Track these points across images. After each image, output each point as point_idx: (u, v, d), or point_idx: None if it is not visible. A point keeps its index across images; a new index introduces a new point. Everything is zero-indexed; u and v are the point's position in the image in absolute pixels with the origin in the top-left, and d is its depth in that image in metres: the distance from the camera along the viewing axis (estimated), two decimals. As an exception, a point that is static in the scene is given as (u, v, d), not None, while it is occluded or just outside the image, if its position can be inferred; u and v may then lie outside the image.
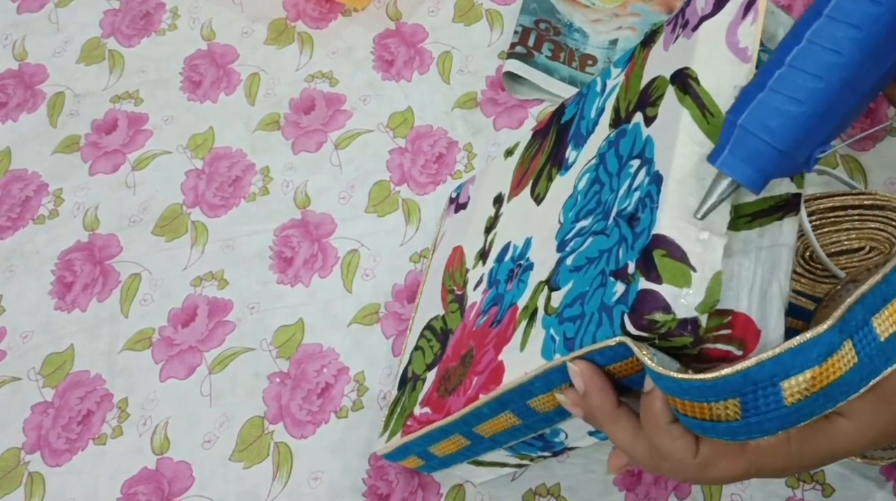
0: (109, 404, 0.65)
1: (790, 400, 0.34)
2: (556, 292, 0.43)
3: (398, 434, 0.53)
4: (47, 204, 0.75)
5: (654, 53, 0.46)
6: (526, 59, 0.72)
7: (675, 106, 0.40)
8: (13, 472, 0.64)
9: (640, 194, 0.40)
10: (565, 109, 0.54)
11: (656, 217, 0.38)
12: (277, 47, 0.81)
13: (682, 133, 0.39)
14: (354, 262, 0.68)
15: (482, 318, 0.50)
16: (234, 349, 0.66)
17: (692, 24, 0.42)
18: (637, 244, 0.38)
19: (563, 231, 0.46)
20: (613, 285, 0.39)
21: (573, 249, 0.44)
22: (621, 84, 0.48)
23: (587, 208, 0.45)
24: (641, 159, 0.42)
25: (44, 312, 0.70)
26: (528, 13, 0.75)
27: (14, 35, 0.85)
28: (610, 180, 0.44)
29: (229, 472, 0.61)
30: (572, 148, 0.50)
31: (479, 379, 0.47)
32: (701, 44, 0.41)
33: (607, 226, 0.42)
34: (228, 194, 0.73)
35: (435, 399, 0.51)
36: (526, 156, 0.56)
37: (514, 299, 0.48)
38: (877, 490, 0.55)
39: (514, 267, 0.50)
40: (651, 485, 0.57)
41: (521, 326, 0.45)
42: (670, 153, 0.39)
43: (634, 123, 0.44)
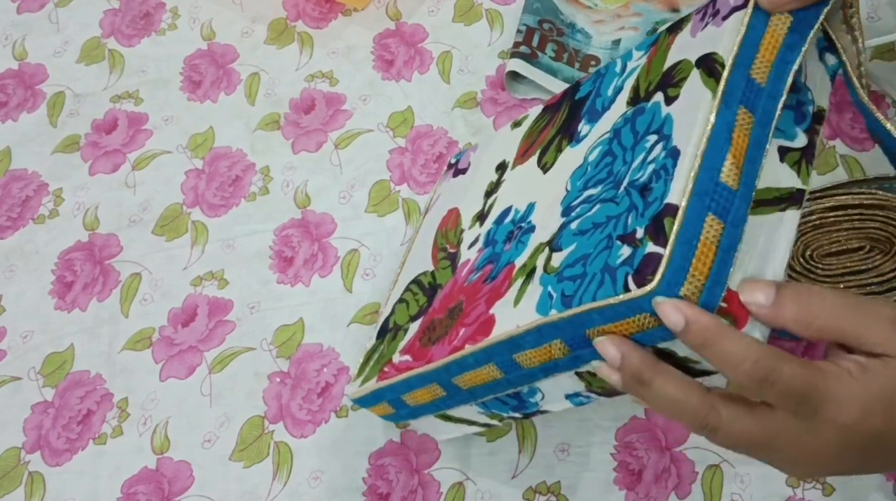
0: (109, 404, 0.65)
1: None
2: (558, 253, 0.44)
3: (373, 379, 0.53)
4: (47, 203, 0.75)
5: (680, 39, 0.46)
6: (530, 59, 0.72)
7: (699, 87, 0.41)
8: (13, 472, 0.64)
9: (655, 166, 0.41)
10: (580, 87, 0.55)
11: (670, 188, 0.38)
12: (277, 47, 0.81)
13: (704, 111, 0.39)
14: (354, 262, 0.68)
15: (475, 275, 0.51)
16: (234, 349, 0.66)
17: (723, 14, 0.43)
18: (648, 212, 0.39)
19: (570, 198, 0.47)
20: (619, 248, 0.39)
21: (579, 215, 0.45)
22: (643, 66, 0.48)
23: (597, 178, 0.46)
24: (659, 135, 0.42)
25: (44, 312, 0.70)
26: (532, 13, 0.75)
27: (14, 35, 0.86)
28: (623, 153, 0.44)
29: (229, 472, 0.61)
30: (585, 122, 0.51)
31: (468, 330, 0.47)
32: (729, 32, 0.41)
33: (617, 194, 0.42)
34: (228, 194, 0.73)
35: (417, 347, 0.51)
36: (535, 128, 0.57)
37: (512, 258, 0.48)
38: (877, 491, 0.55)
39: (513, 229, 0.50)
40: (651, 484, 0.57)
41: (516, 283, 0.46)
42: (690, 130, 0.39)
43: (654, 102, 0.44)
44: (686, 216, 0.37)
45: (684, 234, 0.37)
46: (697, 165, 0.38)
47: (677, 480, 0.57)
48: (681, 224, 0.37)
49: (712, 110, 0.39)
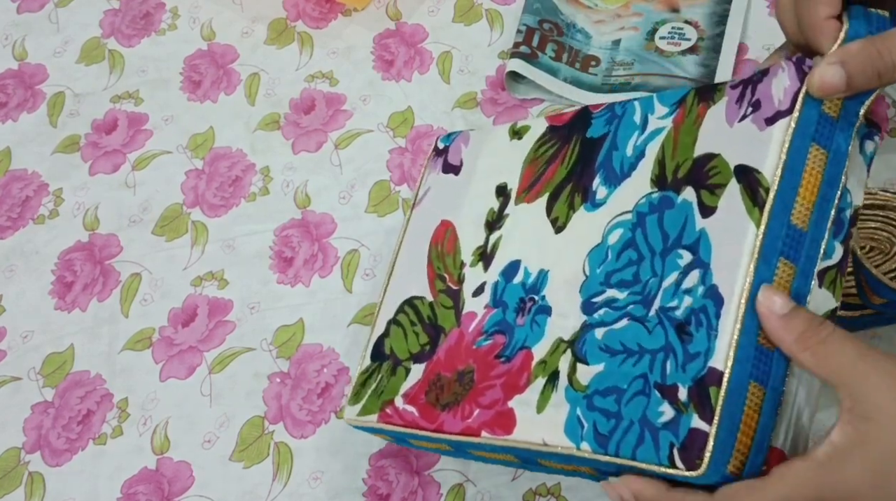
0: (109, 404, 0.65)
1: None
2: (584, 366, 0.43)
3: (374, 415, 0.52)
4: (47, 204, 0.75)
5: (713, 116, 0.44)
6: (530, 59, 0.72)
7: (742, 214, 0.39)
8: (13, 472, 0.64)
9: (693, 303, 0.39)
10: (592, 120, 0.51)
11: (714, 347, 0.38)
12: (277, 47, 0.81)
13: (747, 255, 0.38)
14: (354, 262, 0.68)
15: (485, 340, 0.49)
16: (234, 349, 0.66)
17: (766, 114, 0.41)
18: (690, 367, 0.38)
19: (590, 287, 0.45)
20: (660, 403, 0.39)
21: (603, 321, 0.43)
22: (668, 134, 0.45)
23: (621, 276, 0.44)
24: (694, 255, 0.41)
25: (44, 312, 0.70)
26: (532, 13, 0.75)
27: (14, 35, 0.85)
28: (652, 258, 0.43)
29: (229, 472, 0.61)
30: (602, 182, 0.48)
31: (484, 413, 0.46)
32: (775, 143, 0.39)
33: (648, 316, 0.41)
34: (228, 194, 0.73)
35: (423, 402, 0.50)
36: (540, 155, 0.53)
37: (528, 342, 0.46)
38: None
39: (525, 298, 0.48)
40: (651, 485, 0.57)
41: (537, 381, 0.45)
42: (734, 274, 0.38)
43: (684, 200, 0.42)
44: (730, 387, 0.37)
45: (729, 407, 0.37)
46: (738, 331, 0.37)
47: (677, 480, 0.57)
48: (725, 396, 0.37)
49: (751, 265, 0.38)
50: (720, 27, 0.72)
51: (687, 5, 0.75)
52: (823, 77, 0.39)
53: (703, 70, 0.71)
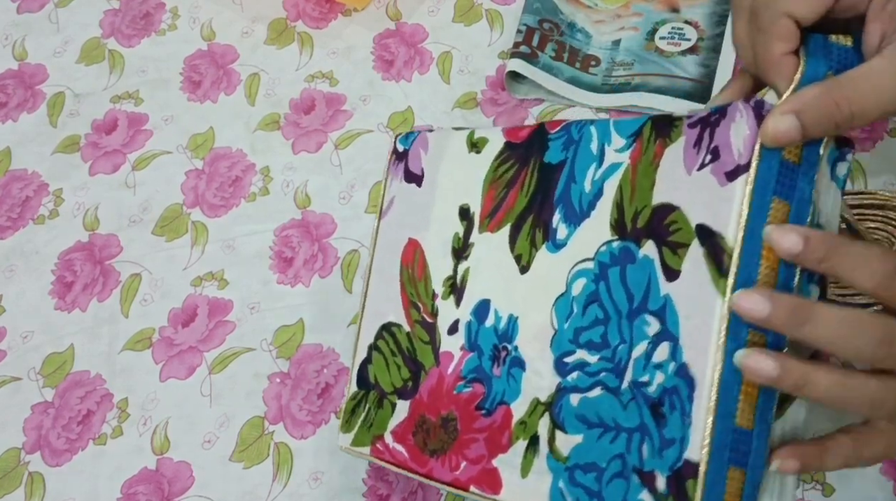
0: (109, 404, 0.65)
1: None
2: (562, 434, 0.43)
3: (366, 448, 0.53)
4: (47, 204, 0.75)
5: (670, 157, 0.42)
6: (530, 58, 0.72)
7: (707, 284, 0.38)
8: (13, 472, 0.64)
9: (665, 381, 0.39)
10: (549, 142, 0.49)
11: (689, 436, 0.37)
12: (277, 47, 0.81)
13: (717, 332, 0.37)
14: (354, 262, 0.68)
15: (464, 386, 0.49)
16: (234, 349, 0.66)
17: (726, 167, 0.39)
18: (667, 455, 0.38)
19: (560, 344, 0.45)
20: (639, 490, 0.39)
21: (577, 386, 0.43)
22: (626, 172, 0.44)
23: (590, 336, 0.43)
24: (662, 324, 0.40)
25: (44, 312, 0.70)
26: (532, 13, 0.75)
27: (14, 35, 0.85)
28: (618, 320, 0.42)
29: (229, 472, 0.61)
30: (562, 219, 0.47)
31: (470, 468, 0.47)
32: (737, 205, 0.38)
33: (621, 389, 0.41)
34: (228, 194, 0.73)
35: (411, 444, 0.51)
36: (499, 176, 0.51)
37: (507, 398, 0.47)
38: (877, 491, 0.55)
39: (498, 345, 0.48)
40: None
41: (518, 442, 0.45)
42: (704, 354, 0.37)
43: (645, 256, 0.41)
44: (707, 480, 0.36)
45: (709, 498, 0.36)
46: (712, 420, 0.36)
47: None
48: (703, 490, 0.36)
49: (720, 344, 0.37)
50: (720, 27, 0.72)
51: (687, 5, 0.75)
52: (777, 128, 0.37)
53: (703, 70, 0.71)
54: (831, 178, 0.39)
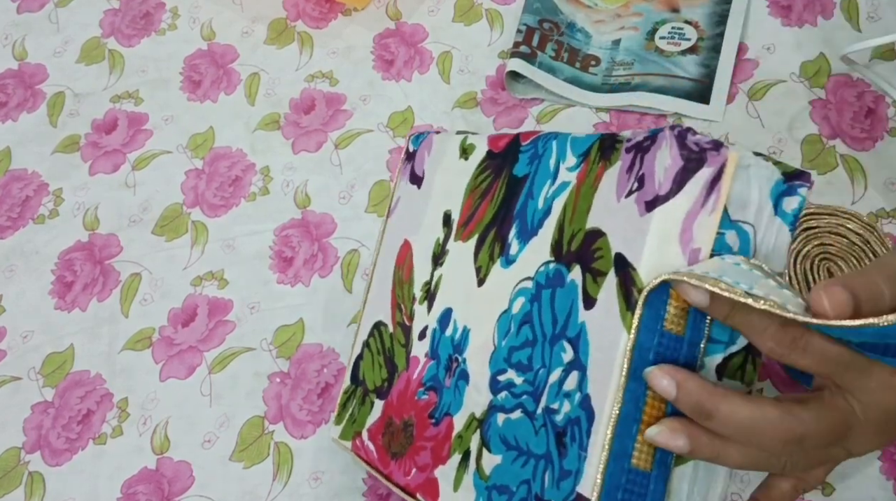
0: (109, 404, 0.65)
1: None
2: (488, 453, 0.43)
3: (348, 442, 0.55)
4: (47, 204, 0.75)
5: (606, 181, 0.41)
6: (529, 58, 0.72)
7: (616, 317, 0.37)
8: (13, 472, 0.64)
9: (570, 411, 0.38)
10: (519, 155, 0.49)
11: (583, 469, 0.37)
12: (277, 47, 0.81)
13: (619, 368, 0.36)
14: (354, 262, 0.68)
15: (423, 393, 0.50)
16: (234, 349, 0.66)
17: (646, 197, 0.38)
18: (563, 486, 0.38)
19: (496, 361, 0.45)
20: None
21: (504, 406, 0.43)
22: (571, 192, 0.44)
23: (519, 357, 0.43)
24: (575, 354, 0.39)
25: (44, 312, 0.70)
26: (532, 12, 0.75)
27: (14, 35, 0.85)
28: (543, 343, 0.42)
29: (229, 472, 0.61)
30: (516, 235, 0.46)
31: (418, 476, 0.48)
32: (652, 237, 0.37)
33: (536, 414, 0.41)
34: (228, 194, 0.73)
35: (380, 444, 0.52)
36: (478, 185, 0.51)
37: (451, 410, 0.47)
38: (877, 491, 0.55)
39: (452, 355, 0.49)
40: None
41: (454, 456, 0.46)
42: (605, 389, 0.37)
43: (572, 280, 0.41)
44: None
45: None
46: (606, 456, 0.36)
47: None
48: None
49: (621, 385, 0.36)
50: (720, 27, 0.72)
51: (687, 5, 0.75)
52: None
53: (703, 70, 0.71)
54: (775, 214, 0.38)
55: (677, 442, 0.36)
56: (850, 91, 0.68)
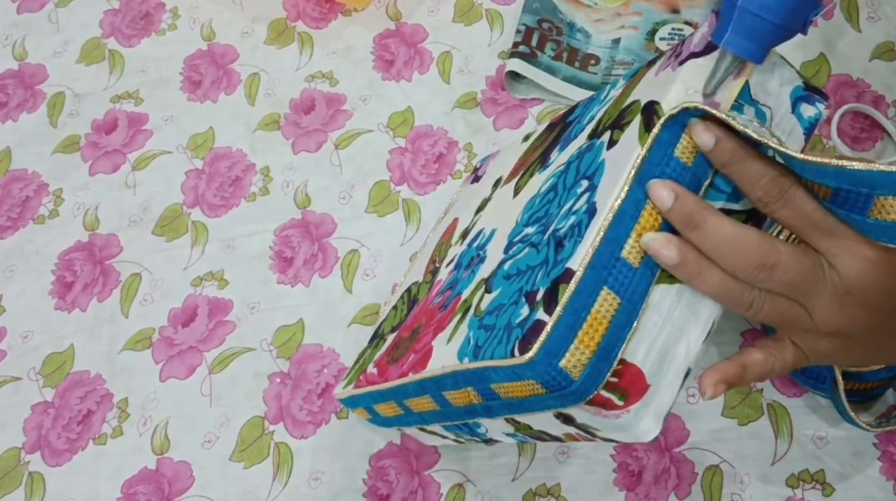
0: (109, 404, 0.65)
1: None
2: (488, 295, 0.44)
3: (352, 385, 0.55)
4: (47, 204, 0.75)
5: (648, 75, 0.45)
6: (529, 58, 0.72)
7: (634, 139, 0.40)
8: (13, 472, 0.64)
9: (575, 220, 0.40)
10: (576, 109, 0.54)
11: (576, 251, 0.38)
12: (277, 47, 0.81)
13: (627, 172, 0.38)
14: (354, 262, 0.68)
15: (438, 298, 0.51)
16: (234, 349, 0.66)
17: (682, 57, 0.41)
18: (553, 272, 0.38)
19: (515, 231, 0.46)
20: (522, 306, 0.39)
21: (513, 255, 0.44)
22: (615, 98, 0.47)
23: (537, 215, 0.45)
24: (589, 182, 0.41)
25: (44, 312, 0.70)
26: (531, 12, 0.75)
27: (14, 35, 0.85)
28: (563, 193, 0.44)
29: (229, 472, 0.61)
30: (558, 149, 0.50)
31: (415, 357, 0.47)
32: (679, 82, 0.40)
33: (542, 240, 0.42)
34: (228, 194, 0.73)
35: (384, 362, 0.52)
36: (532, 147, 0.56)
37: (462, 288, 0.48)
38: (877, 491, 0.55)
39: (475, 256, 0.50)
40: (651, 485, 0.57)
41: (455, 318, 0.46)
42: (611, 190, 0.39)
43: (601, 141, 0.44)
44: (579, 286, 0.37)
45: (573, 305, 0.36)
46: (599, 239, 0.37)
47: (677, 481, 0.57)
48: (572, 294, 0.36)
49: (626, 182, 0.38)
50: (720, 27, 0.72)
51: (687, 6, 0.75)
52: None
53: (703, 70, 0.71)
54: (791, 111, 0.41)
55: (668, 251, 0.38)
56: (850, 91, 0.68)
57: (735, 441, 0.57)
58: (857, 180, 0.36)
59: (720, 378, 0.40)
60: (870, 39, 0.71)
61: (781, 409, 0.58)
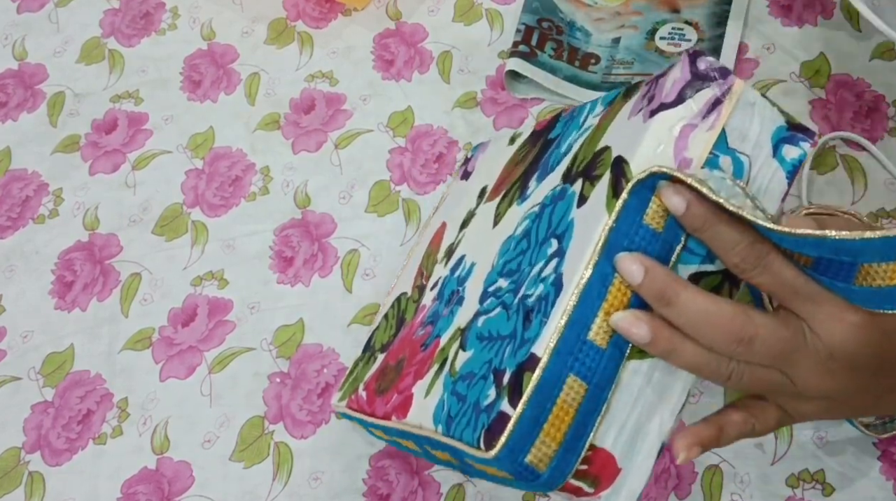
0: (109, 404, 0.65)
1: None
2: (463, 353, 0.43)
3: (345, 401, 0.55)
4: (47, 204, 0.75)
5: (622, 112, 0.43)
6: (529, 57, 0.72)
7: (601, 206, 0.38)
8: (13, 472, 0.64)
9: (542, 291, 0.39)
10: (557, 122, 0.52)
11: (541, 334, 0.37)
12: (277, 47, 0.81)
13: (594, 244, 0.37)
14: (354, 262, 0.68)
15: (421, 330, 0.50)
16: (234, 349, 0.66)
17: (652, 107, 0.39)
18: (520, 353, 0.37)
19: (490, 278, 0.45)
20: (490, 386, 0.38)
21: (486, 310, 0.43)
22: (591, 130, 0.45)
23: (510, 267, 0.44)
24: (559, 243, 0.40)
25: (44, 312, 0.70)
26: (531, 12, 0.75)
27: (14, 35, 0.85)
28: (534, 247, 0.42)
29: (229, 472, 0.61)
30: (536, 178, 0.48)
31: (397, 399, 0.47)
32: (649, 138, 0.38)
33: (512, 304, 0.41)
34: (228, 194, 0.73)
35: (371, 389, 0.52)
36: (515, 158, 0.55)
37: (441, 331, 0.47)
38: (877, 491, 0.55)
39: (455, 291, 0.49)
40: (651, 484, 0.57)
41: (434, 368, 0.45)
42: (577, 263, 0.37)
43: (573, 191, 0.42)
44: (544, 375, 0.36)
45: (539, 396, 0.35)
46: (564, 322, 0.36)
47: (677, 480, 0.57)
48: (536, 385, 0.35)
49: (592, 255, 0.37)
50: (720, 28, 0.72)
51: (687, 6, 0.75)
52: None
53: (703, 70, 0.71)
54: (773, 156, 0.39)
55: (639, 330, 0.36)
56: (850, 91, 0.68)
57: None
58: (839, 249, 0.34)
59: (694, 441, 0.39)
60: (870, 39, 0.71)
61: (781, 409, 0.58)
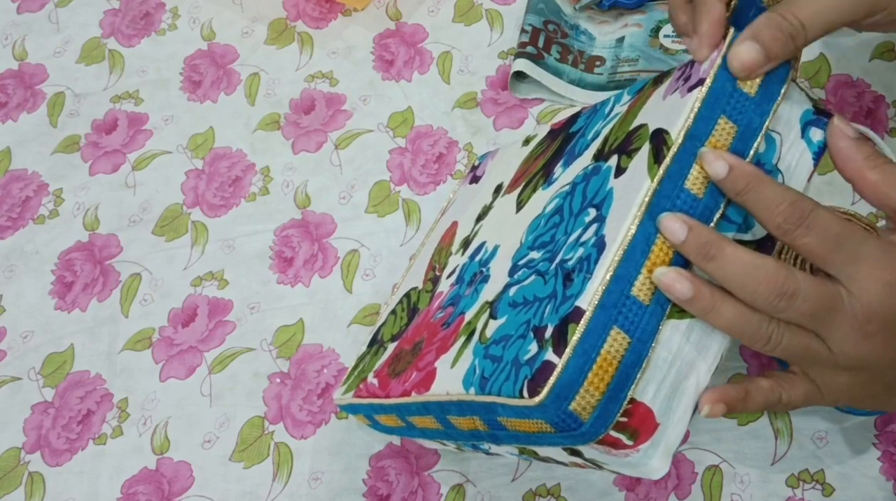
0: (109, 404, 0.65)
1: None
2: (493, 321, 0.43)
3: (352, 392, 0.54)
4: (47, 204, 0.75)
5: (655, 94, 0.44)
6: (536, 59, 0.72)
7: (643, 170, 0.39)
8: (13, 472, 0.64)
9: (583, 253, 0.39)
10: (579, 118, 0.53)
11: (585, 288, 0.37)
12: (277, 47, 0.81)
13: (637, 206, 0.38)
14: (354, 262, 0.68)
15: (440, 313, 0.51)
16: (234, 349, 0.66)
17: (691, 83, 0.40)
18: (562, 309, 0.38)
19: (519, 254, 0.46)
20: (530, 342, 0.38)
21: (518, 280, 0.44)
22: (621, 117, 0.46)
23: (542, 239, 0.44)
24: (597, 212, 0.41)
25: (44, 312, 0.70)
26: (536, 13, 0.75)
27: (14, 35, 0.86)
28: (569, 219, 0.43)
29: (229, 472, 0.61)
30: (562, 164, 0.49)
31: (417, 375, 0.47)
32: (688, 109, 0.39)
33: (549, 270, 0.41)
34: (228, 194, 0.73)
35: (384, 374, 0.52)
36: (533, 154, 0.56)
37: (465, 308, 0.47)
38: (877, 491, 0.55)
39: (477, 272, 0.49)
40: (651, 485, 0.57)
41: (460, 340, 0.45)
42: (620, 224, 0.38)
43: (608, 166, 0.43)
44: (589, 326, 0.36)
45: (584, 345, 0.36)
46: (609, 276, 0.37)
47: (677, 481, 0.57)
48: (581, 334, 0.36)
49: (636, 217, 0.37)
50: (720, 27, 0.72)
51: (687, 5, 0.74)
52: (741, 56, 0.38)
53: (703, 70, 0.71)
54: (801, 136, 0.40)
55: (681, 286, 0.37)
56: (850, 91, 0.68)
57: (735, 441, 0.57)
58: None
59: (720, 398, 0.39)
60: (870, 39, 0.71)
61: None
